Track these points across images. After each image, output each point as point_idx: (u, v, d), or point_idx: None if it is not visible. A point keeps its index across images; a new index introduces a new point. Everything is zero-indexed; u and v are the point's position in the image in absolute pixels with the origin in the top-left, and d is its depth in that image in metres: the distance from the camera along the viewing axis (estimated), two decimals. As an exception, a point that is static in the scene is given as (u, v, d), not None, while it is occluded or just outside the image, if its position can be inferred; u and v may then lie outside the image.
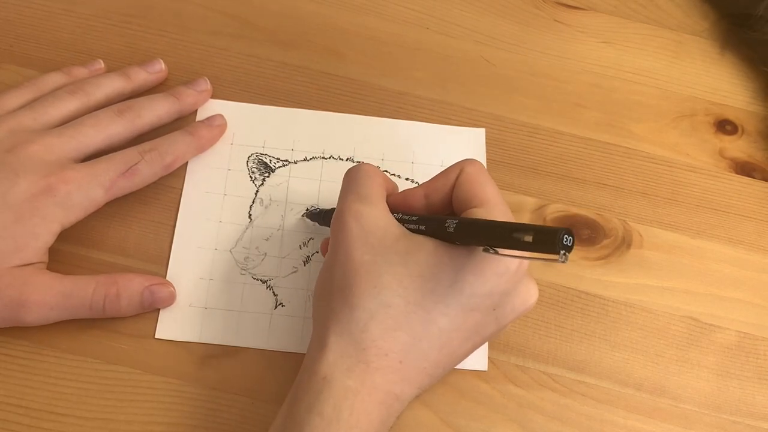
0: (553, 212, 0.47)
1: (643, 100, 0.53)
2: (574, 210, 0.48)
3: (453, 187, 0.38)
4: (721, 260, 0.47)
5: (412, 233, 0.36)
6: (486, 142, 0.49)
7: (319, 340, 0.36)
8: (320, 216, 0.44)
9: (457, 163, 0.39)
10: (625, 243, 0.47)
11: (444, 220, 0.35)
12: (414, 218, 0.37)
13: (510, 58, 0.53)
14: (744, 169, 0.51)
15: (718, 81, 0.54)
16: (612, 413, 0.42)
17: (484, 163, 0.48)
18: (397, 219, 0.37)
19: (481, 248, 0.34)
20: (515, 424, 0.41)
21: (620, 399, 0.42)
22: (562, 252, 0.29)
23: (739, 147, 0.52)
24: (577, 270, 0.46)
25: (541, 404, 0.42)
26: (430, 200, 0.39)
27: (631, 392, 0.43)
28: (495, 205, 0.36)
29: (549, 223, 0.47)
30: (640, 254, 0.47)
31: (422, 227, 0.36)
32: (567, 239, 0.29)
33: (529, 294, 0.37)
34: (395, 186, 0.41)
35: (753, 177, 0.51)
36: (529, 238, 0.30)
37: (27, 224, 0.39)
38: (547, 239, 0.29)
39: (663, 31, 0.56)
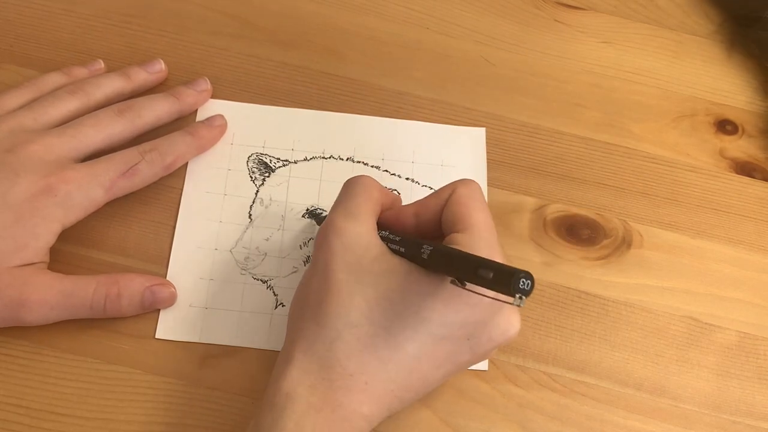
0: (553, 212, 0.47)
1: (644, 100, 0.53)
2: (575, 210, 0.48)
3: (443, 207, 0.37)
4: (722, 260, 0.47)
5: (392, 254, 0.36)
6: (486, 142, 0.49)
7: (286, 354, 0.36)
8: (319, 217, 0.44)
9: (452, 183, 0.38)
10: (625, 243, 0.47)
11: (421, 245, 0.35)
12: (396, 239, 0.37)
13: (510, 58, 0.53)
14: (744, 169, 0.51)
15: (719, 81, 0.54)
16: (612, 413, 0.42)
17: (484, 163, 0.48)
18: (382, 237, 0.37)
19: (449, 279, 0.33)
20: (515, 424, 0.41)
21: (620, 399, 0.42)
22: (517, 296, 0.28)
23: (739, 147, 0.52)
24: (577, 270, 0.46)
25: (541, 404, 0.42)
26: (420, 219, 0.39)
27: (631, 392, 0.43)
28: (479, 231, 0.36)
29: (549, 224, 0.47)
30: (640, 254, 0.47)
31: (402, 249, 0.36)
32: (524, 283, 0.28)
33: (510, 324, 0.36)
34: (395, 199, 0.41)
35: (753, 177, 0.51)
36: (488, 275, 0.29)
37: (27, 224, 0.38)
38: (505, 280, 0.28)
39: (663, 31, 0.56)
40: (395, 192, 0.46)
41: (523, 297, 0.28)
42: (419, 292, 0.34)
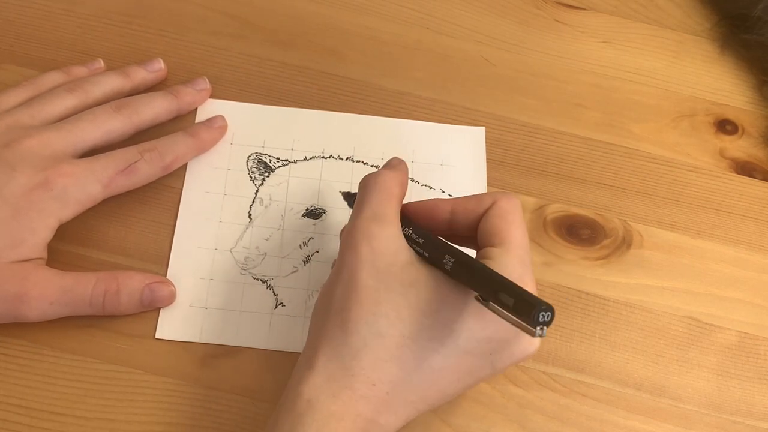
0: (554, 212, 0.47)
1: (644, 100, 0.53)
2: (575, 210, 0.48)
3: (482, 215, 0.37)
4: (722, 260, 0.47)
5: (420, 262, 0.36)
6: (486, 142, 0.49)
7: (308, 359, 0.35)
8: (352, 199, 0.43)
9: (494, 192, 0.38)
10: (625, 243, 0.47)
11: (444, 255, 0.34)
12: (420, 241, 0.36)
13: (510, 58, 0.53)
14: (744, 169, 0.51)
15: (719, 81, 0.54)
16: (612, 413, 0.42)
17: (484, 162, 0.48)
18: (405, 235, 0.37)
19: (473, 295, 0.33)
20: (515, 424, 0.41)
21: (620, 399, 0.42)
22: (538, 327, 0.28)
23: (739, 147, 0.51)
24: (577, 270, 0.46)
25: (541, 404, 0.42)
26: (455, 218, 0.38)
27: (631, 392, 0.43)
28: (515, 249, 0.35)
29: (549, 224, 0.47)
30: (640, 254, 0.47)
31: (426, 253, 0.36)
32: (545, 316, 0.28)
33: (530, 343, 0.36)
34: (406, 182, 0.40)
35: (753, 177, 0.50)
36: (510, 302, 0.29)
37: (24, 219, 0.38)
38: (526, 310, 0.28)
39: (663, 31, 0.56)
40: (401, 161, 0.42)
41: (545, 328, 0.28)
42: (449, 306, 0.34)
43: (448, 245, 0.36)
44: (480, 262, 0.35)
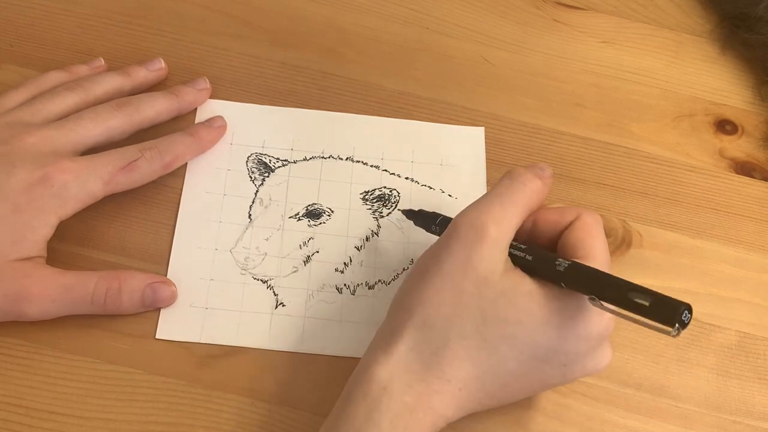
0: (553, 212, 0.47)
1: (643, 100, 0.53)
2: (574, 210, 0.48)
3: (565, 228, 0.38)
4: (721, 260, 0.47)
5: (516, 270, 0.36)
6: (486, 142, 0.49)
7: (387, 343, 0.35)
8: (418, 217, 0.43)
9: (577, 207, 0.39)
10: (625, 243, 0.47)
11: (555, 258, 0.35)
12: (522, 247, 0.37)
13: (510, 58, 0.53)
14: (744, 168, 0.51)
15: (718, 81, 0.54)
16: (612, 413, 0.42)
17: (484, 163, 0.48)
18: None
19: (587, 297, 0.34)
20: (515, 424, 0.41)
21: (620, 399, 0.42)
22: (676, 326, 0.28)
23: (738, 147, 0.52)
24: (577, 270, 0.46)
25: (541, 404, 0.42)
26: (536, 227, 0.38)
27: (630, 392, 0.43)
28: (600, 264, 0.36)
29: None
30: (640, 254, 0.47)
31: (528, 257, 0.36)
32: (686, 316, 0.28)
33: (604, 357, 0.37)
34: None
35: (753, 177, 0.51)
36: (645, 302, 0.30)
37: (24, 216, 0.38)
38: (666, 311, 0.29)
39: (663, 30, 0.56)
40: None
41: (681, 329, 0.28)
42: (536, 317, 0.35)
43: (555, 254, 0.36)
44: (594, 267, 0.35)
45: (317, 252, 0.44)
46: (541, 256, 0.36)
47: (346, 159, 0.48)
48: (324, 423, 0.36)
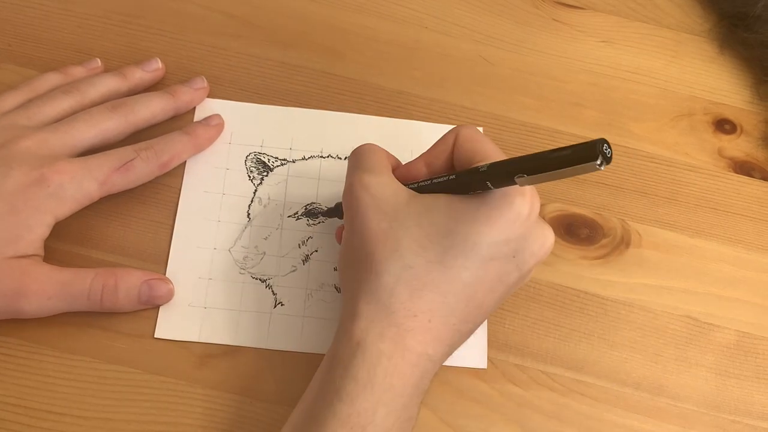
0: (552, 211, 0.48)
1: (642, 99, 0.53)
2: (573, 209, 0.48)
3: (452, 150, 0.39)
4: (720, 259, 0.47)
5: (420, 195, 0.38)
6: (485, 142, 0.49)
7: (349, 310, 0.36)
8: (337, 210, 0.44)
9: (452, 128, 0.40)
10: (624, 242, 0.47)
11: (473, 166, 0.36)
12: (427, 182, 0.38)
13: (509, 58, 0.53)
14: (743, 168, 0.51)
15: (717, 80, 0.54)
16: (610, 412, 0.42)
17: (483, 162, 0.49)
18: (412, 189, 0.38)
19: (515, 178, 0.34)
20: (514, 424, 0.41)
21: (619, 398, 0.42)
22: (600, 158, 0.30)
23: (738, 146, 0.52)
24: (576, 269, 0.46)
25: (539, 403, 0.42)
26: (431, 168, 0.40)
27: (629, 391, 0.43)
28: (498, 158, 0.37)
29: (549, 222, 0.47)
30: (639, 254, 0.47)
31: (452, 176, 0.37)
32: (607, 149, 0.30)
33: (546, 237, 0.38)
34: (398, 161, 0.42)
35: (752, 176, 0.51)
36: (568, 152, 0.31)
37: (20, 215, 0.39)
38: (587, 149, 0.30)
39: (662, 30, 0.56)
40: None
41: (604, 163, 0.30)
42: (463, 220, 0.36)
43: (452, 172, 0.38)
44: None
45: (316, 251, 0.45)
46: (462, 171, 0.37)
47: (345, 158, 0.48)
48: (307, 389, 0.36)
